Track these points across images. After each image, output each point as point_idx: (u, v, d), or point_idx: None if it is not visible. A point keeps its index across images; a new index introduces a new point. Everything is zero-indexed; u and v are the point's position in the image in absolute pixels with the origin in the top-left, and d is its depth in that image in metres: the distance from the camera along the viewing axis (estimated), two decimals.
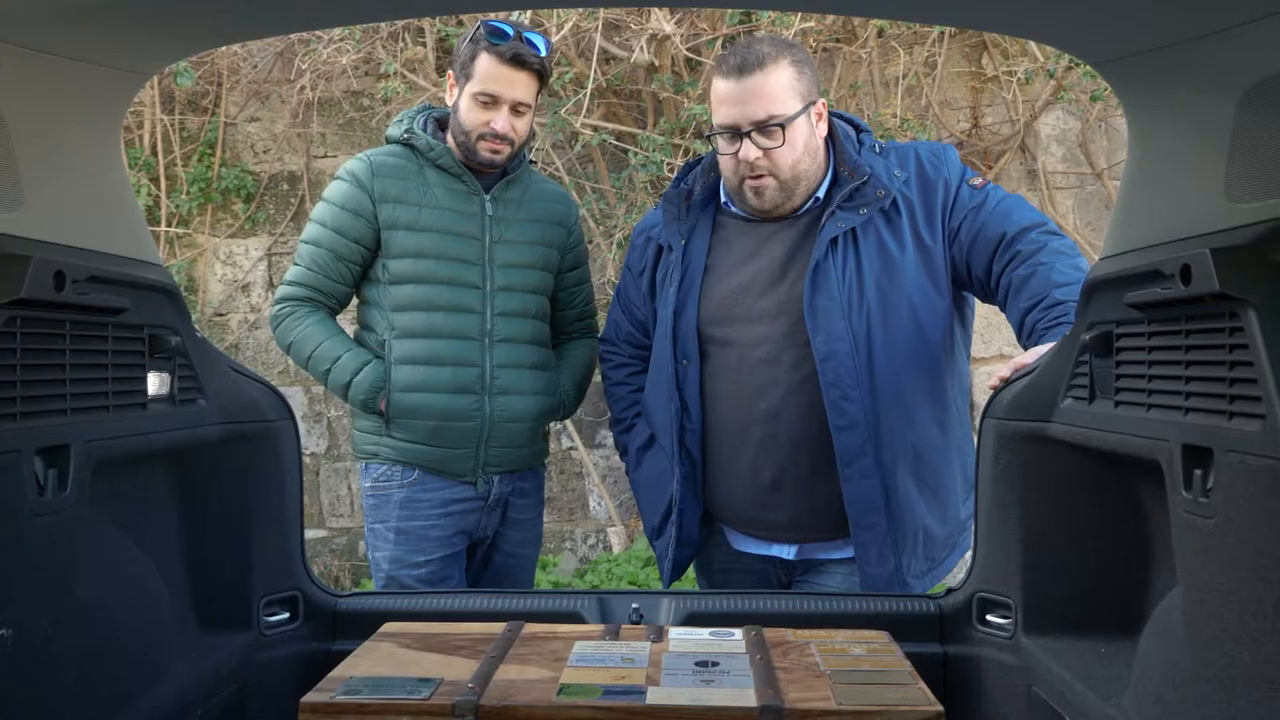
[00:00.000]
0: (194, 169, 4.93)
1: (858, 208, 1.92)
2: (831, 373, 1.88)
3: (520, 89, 2.23)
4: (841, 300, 1.89)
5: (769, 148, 1.91)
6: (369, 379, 2.24)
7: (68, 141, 1.18)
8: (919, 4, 1.33)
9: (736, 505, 2.03)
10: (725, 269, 2.03)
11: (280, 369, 4.92)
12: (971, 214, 1.93)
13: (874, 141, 2.02)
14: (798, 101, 1.92)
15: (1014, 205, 1.93)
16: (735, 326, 1.99)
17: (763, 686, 1.19)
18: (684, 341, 2.02)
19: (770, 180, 1.94)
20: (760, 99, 1.89)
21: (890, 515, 1.89)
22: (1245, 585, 0.96)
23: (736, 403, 1.98)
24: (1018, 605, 1.47)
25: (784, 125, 1.90)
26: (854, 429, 1.87)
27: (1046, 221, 1.91)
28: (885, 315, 1.90)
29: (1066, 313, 1.70)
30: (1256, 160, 0.98)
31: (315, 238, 2.29)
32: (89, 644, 1.20)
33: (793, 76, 1.92)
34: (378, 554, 2.33)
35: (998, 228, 1.89)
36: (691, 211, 2.10)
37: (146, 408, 1.34)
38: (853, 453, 1.88)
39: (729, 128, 1.93)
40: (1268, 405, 0.93)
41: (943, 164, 1.97)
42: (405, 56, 4.56)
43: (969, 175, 1.98)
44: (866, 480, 1.88)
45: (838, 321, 1.88)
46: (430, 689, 1.18)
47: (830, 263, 1.90)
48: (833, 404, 1.88)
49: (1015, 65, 4.48)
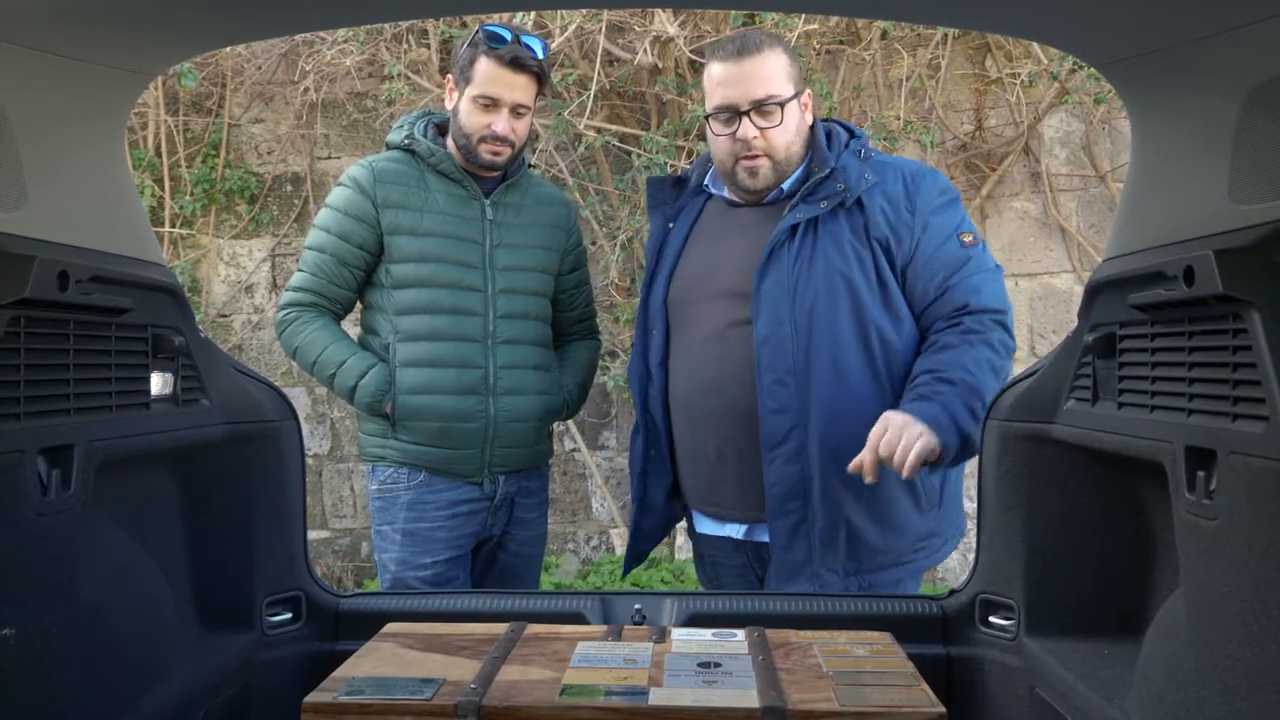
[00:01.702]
0: (198, 170, 4.94)
1: (819, 200, 1.95)
2: (768, 356, 1.91)
3: (519, 91, 2.25)
4: (788, 286, 1.92)
5: (766, 127, 1.97)
6: (375, 382, 2.25)
7: (71, 141, 1.18)
8: (922, 6, 1.33)
9: (692, 482, 2.08)
10: (698, 250, 2.10)
11: (283, 370, 4.92)
12: (945, 270, 1.94)
13: (861, 147, 2.05)
14: (791, 86, 2.00)
15: (985, 282, 1.95)
16: (697, 305, 2.05)
17: (765, 687, 1.19)
18: (652, 313, 2.11)
19: (765, 160, 1.99)
20: (759, 79, 1.97)
21: (808, 504, 1.90)
22: (1248, 587, 0.96)
23: (689, 376, 2.04)
24: (1020, 606, 1.46)
25: (782, 105, 1.97)
26: (783, 414, 1.90)
27: (1006, 311, 1.95)
28: (833, 308, 1.91)
29: (947, 395, 1.79)
30: (1260, 161, 0.98)
31: (319, 243, 2.30)
32: (92, 644, 1.21)
33: (787, 63, 2.01)
34: (384, 555, 2.34)
35: (962, 297, 1.92)
36: (683, 196, 2.18)
37: (150, 408, 1.34)
38: (778, 437, 1.90)
39: (727, 107, 1.99)
40: (1271, 407, 0.93)
41: (919, 188, 1.98)
42: (409, 58, 4.56)
43: (962, 229, 1.98)
44: (789, 466, 1.90)
45: (781, 307, 1.91)
46: (433, 689, 1.18)
47: (785, 250, 1.94)
48: (766, 387, 1.91)
49: (1019, 67, 4.48)
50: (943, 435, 1.76)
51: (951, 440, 1.77)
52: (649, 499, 2.13)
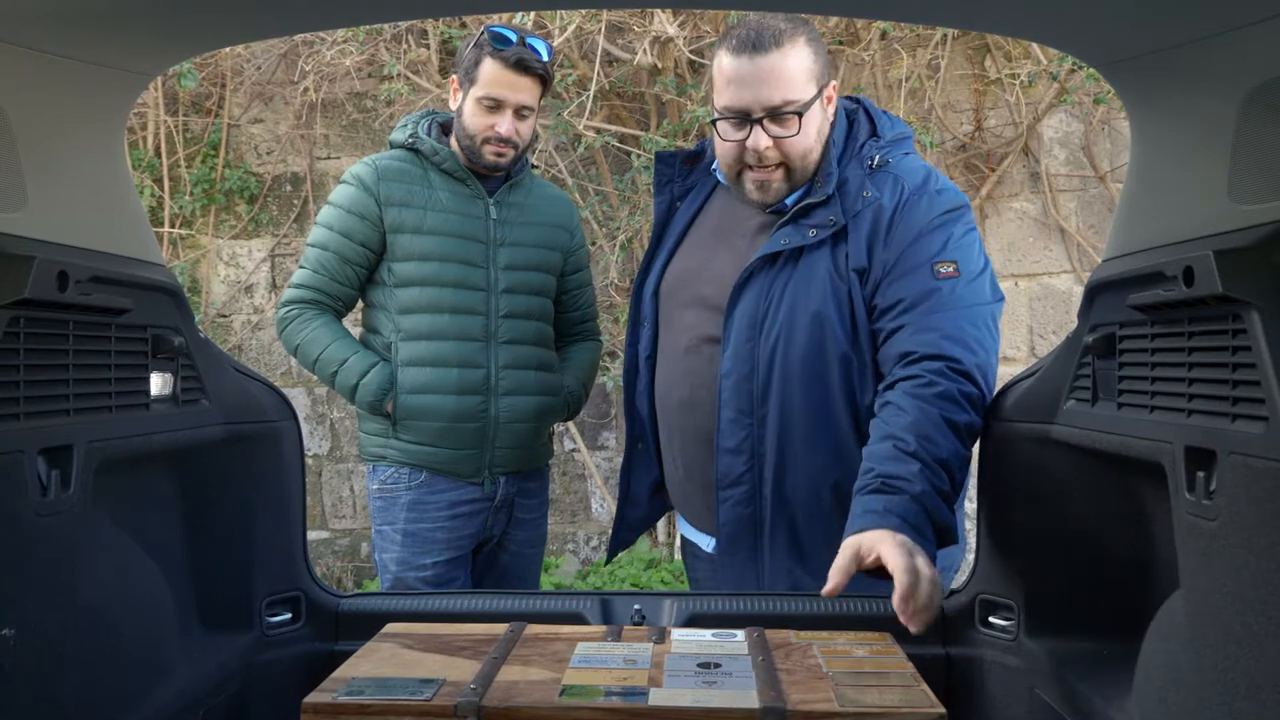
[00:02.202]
0: (197, 170, 4.94)
1: (808, 228, 1.75)
2: (729, 391, 1.77)
3: (524, 93, 2.25)
4: (757, 318, 1.75)
5: (781, 136, 1.74)
6: (376, 381, 2.25)
7: (71, 142, 1.18)
8: (922, 6, 1.33)
9: (670, 485, 2.01)
10: (695, 242, 1.94)
11: (283, 370, 4.92)
12: (903, 305, 1.68)
13: (875, 153, 1.80)
14: (813, 85, 1.74)
15: (948, 321, 1.65)
16: (679, 308, 1.91)
17: (765, 688, 1.19)
18: (644, 303, 1.98)
19: (778, 172, 1.78)
20: (775, 82, 1.70)
21: (757, 551, 1.79)
22: (1248, 587, 0.96)
23: (665, 386, 1.93)
24: (1020, 607, 1.46)
25: (801, 113, 1.72)
26: (738, 455, 1.77)
27: (964, 360, 1.61)
28: (798, 349, 1.73)
29: (883, 490, 1.45)
30: (1259, 162, 0.98)
31: (321, 241, 2.30)
32: (92, 644, 1.20)
33: (810, 57, 1.73)
34: (385, 555, 2.33)
35: (907, 342, 1.64)
36: (695, 173, 1.99)
37: (149, 408, 1.34)
38: (729, 479, 1.79)
39: (738, 112, 1.75)
40: (1270, 407, 0.93)
41: (908, 212, 1.72)
42: (409, 58, 4.56)
43: (941, 257, 1.69)
44: (739, 509, 1.79)
45: (747, 342, 1.76)
46: (432, 690, 1.18)
47: (762, 276, 1.77)
48: (725, 423, 1.77)
49: (1018, 68, 4.48)
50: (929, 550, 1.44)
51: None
52: (633, 492, 2.05)
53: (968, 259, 1.71)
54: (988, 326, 1.68)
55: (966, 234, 1.74)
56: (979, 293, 1.70)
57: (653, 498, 2.07)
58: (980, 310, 1.68)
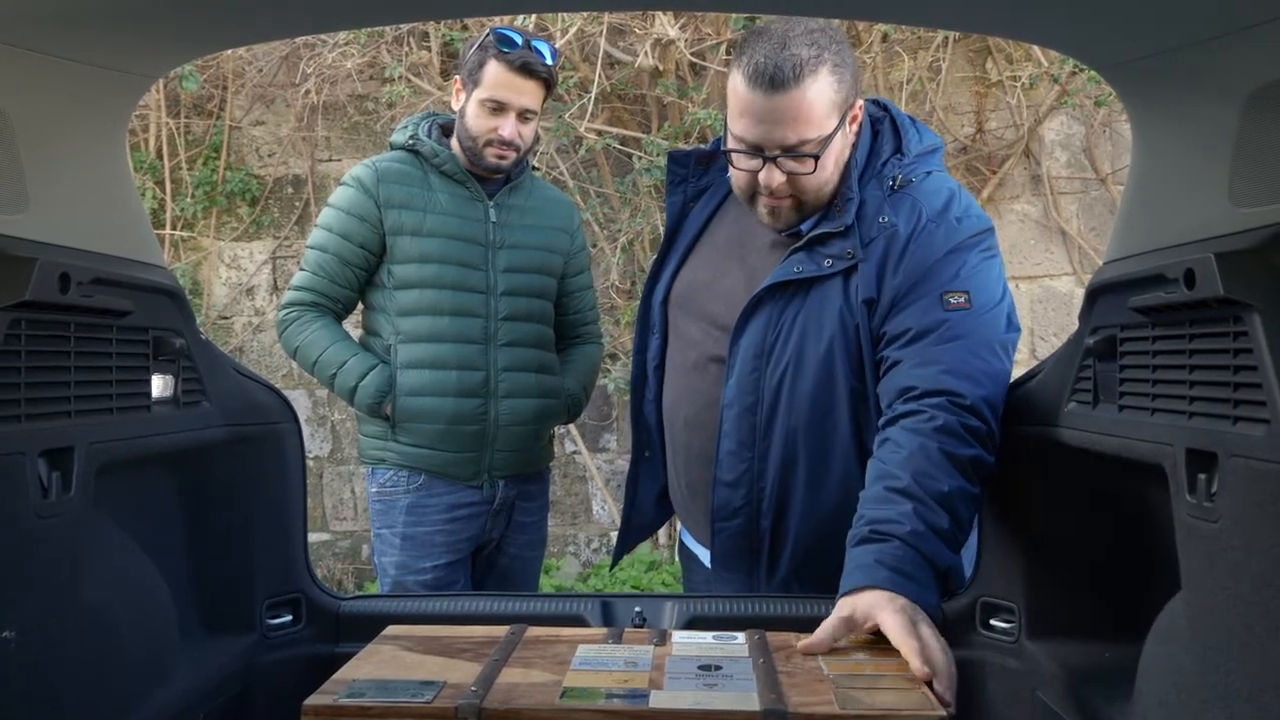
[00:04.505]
0: (199, 172, 4.94)
1: (823, 258, 1.66)
2: (730, 422, 1.72)
3: (528, 96, 2.25)
4: (763, 349, 1.69)
5: (797, 173, 1.63)
6: (375, 383, 2.24)
7: (73, 144, 1.19)
8: (923, 8, 1.33)
9: (673, 495, 1.98)
10: (706, 252, 1.87)
11: (284, 372, 4.92)
12: (907, 337, 1.59)
13: (898, 173, 1.70)
14: (835, 117, 1.62)
15: (950, 354, 1.55)
16: (689, 320, 1.84)
17: (766, 690, 1.19)
18: (653, 311, 1.92)
19: (789, 201, 1.68)
20: (793, 123, 1.59)
21: (753, 578, 1.77)
22: (1250, 590, 0.96)
23: (672, 401, 1.89)
24: (1021, 610, 1.46)
25: (817, 155, 1.61)
26: (736, 488, 1.73)
27: (967, 394, 1.50)
28: (804, 385, 1.68)
29: (872, 539, 1.38)
30: (1261, 164, 0.98)
31: (321, 243, 2.30)
32: (92, 646, 1.20)
33: (832, 88, 1.60)
34: (384, 559, 2.33)
35: (906, 377, 1.56)
36: (710, 173, 1.89)
37: (150, 410, 1.34)
38: (726, 511, 1.75)
39: (751, 146, 1.63)
40: (1272, 409, 0.93)
41: (924, 240, 1.63)
42: (410, 61, 4.57)
43: (951, 286, 1.60)
44: (735, 540, 1.77)
45: (752, 374, 1.70)
46: (433, 692, 1.18)
47: (772, 304, 1.69)
48: (724, 454, 1.73)
49: (1019, 70, 4.48)
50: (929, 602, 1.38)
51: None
52: (639, 500, 2.02)
53: (982, 289, 1.62)
54: (998, 358, 1.57)
55: (984, 261, 1.65)
56: (992, 325, 1.60)
57: (658, 505, 2.05)
58: (990, 343, 1.58)
